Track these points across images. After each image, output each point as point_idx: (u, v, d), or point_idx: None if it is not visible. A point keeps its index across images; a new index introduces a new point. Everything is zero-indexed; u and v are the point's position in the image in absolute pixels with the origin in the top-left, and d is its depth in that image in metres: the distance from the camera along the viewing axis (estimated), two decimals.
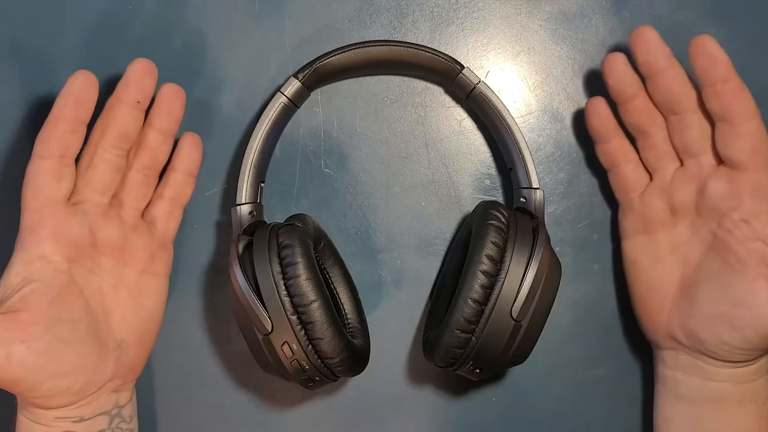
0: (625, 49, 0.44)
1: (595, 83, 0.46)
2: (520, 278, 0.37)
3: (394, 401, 0.46)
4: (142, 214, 0.41)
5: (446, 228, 0.46)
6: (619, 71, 0.40)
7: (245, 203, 0.41)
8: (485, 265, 0.37)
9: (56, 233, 0.37)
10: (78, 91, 0.37)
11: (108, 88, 0.44)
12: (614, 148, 0.42)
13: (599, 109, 0.42)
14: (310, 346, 0.37)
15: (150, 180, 0.41)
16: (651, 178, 0.42)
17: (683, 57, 0.46)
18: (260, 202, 0.42)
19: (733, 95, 0.37)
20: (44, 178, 0.37)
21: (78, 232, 0.38)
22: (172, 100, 0.40)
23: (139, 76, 0.38)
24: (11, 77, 0.44)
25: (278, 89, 0.42)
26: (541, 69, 0.46)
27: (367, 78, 0.45)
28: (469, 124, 0.46)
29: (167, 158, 0.41)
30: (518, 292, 0.37)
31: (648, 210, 0.41)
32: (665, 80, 0.39)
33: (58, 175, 0.37)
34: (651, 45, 0.39)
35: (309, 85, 0.42)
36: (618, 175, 0.42)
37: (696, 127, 0.39)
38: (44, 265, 0.37)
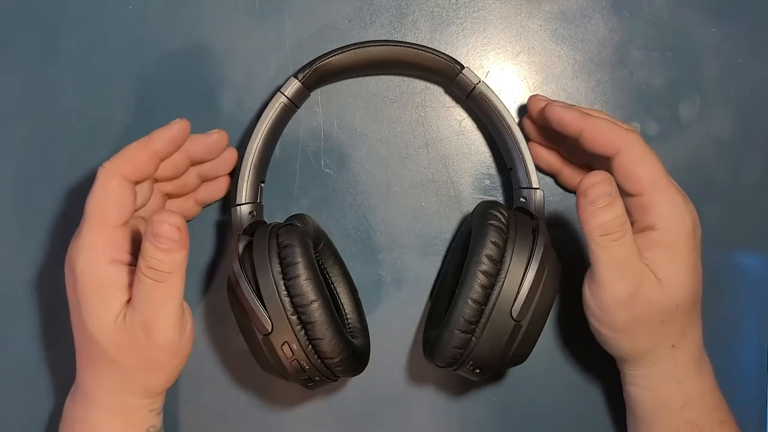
0: (624, 45, 0.44)
1: (595, 83, 0.46)
2: (520, 278, 0.37)
3: (394, 401, 0.46)
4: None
5: (446, 228, 0.46)
6: (537, 136, 0.44)
7: (245, 203, 0.41)
8: (485, 265, 0.37)
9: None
10: (177, 133, 0.39)
11: (109, 85, 0.44)
12: (567, 178, 0.45)
13: (538, 152, 0.45)
14: (310, 346, 0.37)
15: (165, 200, 0.42)
16: None
17: (683, 57, 0.46)
18: (260, 202, 0.42)
19: (590, 142, 0.39)
20: (124, 198, 0.37)
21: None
22: (228, 163, 0.43)
23: (214, 143, 0.41)
24: (11, 77, 0.44)
25: (278, 89, 0.42)
26: (541, 69, 0.46)
27: (367, 78, 0.45)
28: (469, 124, 0.46)
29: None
30: (518, 292, 0.37)
31: None
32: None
33: (132, 197, 0.38)
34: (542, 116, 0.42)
35: (309, 85, 0.42)
36: None
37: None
38: None
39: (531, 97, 0.43)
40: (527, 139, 0.44)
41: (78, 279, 0.36)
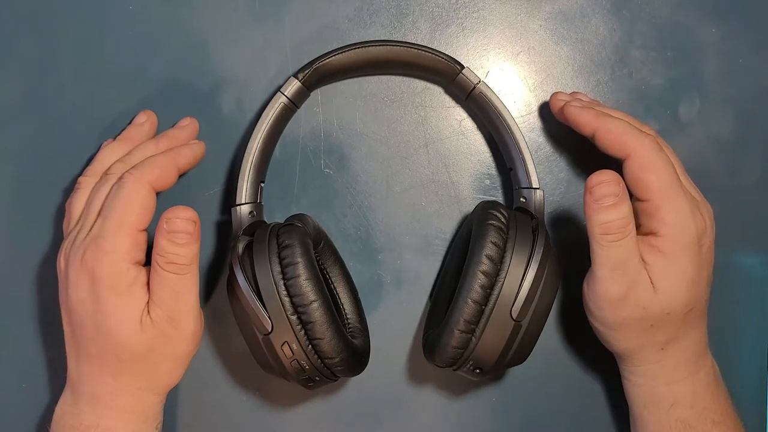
0: (624, 45, 0.44)
1: (595, 83, 0.46)
2: (520, 278, 0.37)
3: (394, 401, 0.46)
4: None
5: (446, 228, 0.46)
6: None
7: (245, 203, 0.41)
8: (485, 265, 0.37)
9: None
10: (201, 153, 0.43)
11: (109, 85, 0.44)
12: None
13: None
14: (310, 346, 0.37)
15: None
16: None
17: (683, 57, 0.46)
18: (260, 202, 0.42)
19: (603, 143, 0.39)
20: (150, 204, 0.38)
21: None
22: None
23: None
24: (11, 77, 0.44)
25: (278, 89, 0.42)
26: (541, 69, 0.46)
27: (367, 78, 0.45)
28: (469, 124, 0.46)
29: None
30: (518, 292, 0.37)
31: None
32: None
33: (155, 204, 0.39)
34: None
35: (309, 85, 0.42)
36: None
37: None
38: None
39: (552, 96, 0.43)
40: (590, 95, 0.44)
41: (100, 282, 0.36)
